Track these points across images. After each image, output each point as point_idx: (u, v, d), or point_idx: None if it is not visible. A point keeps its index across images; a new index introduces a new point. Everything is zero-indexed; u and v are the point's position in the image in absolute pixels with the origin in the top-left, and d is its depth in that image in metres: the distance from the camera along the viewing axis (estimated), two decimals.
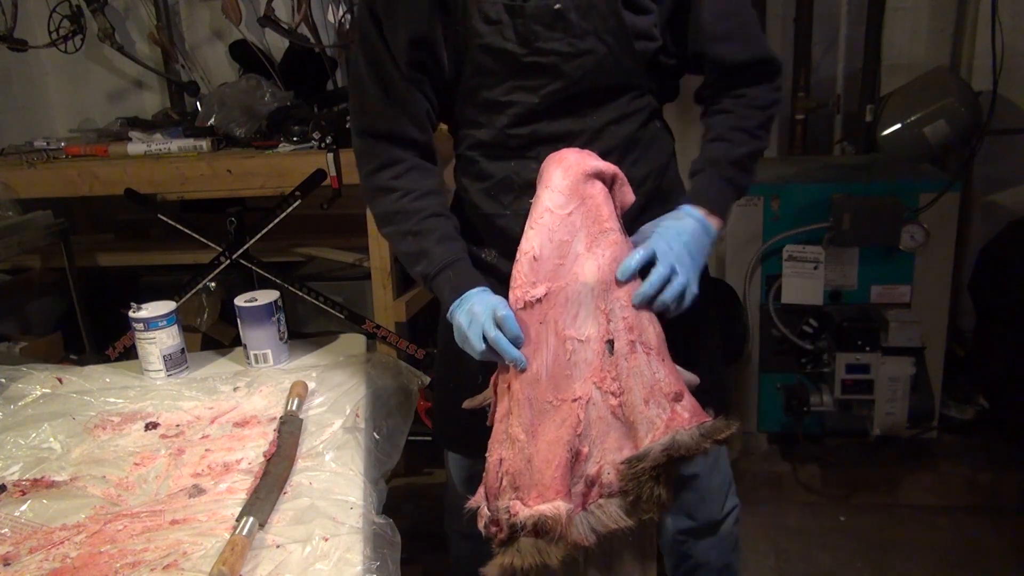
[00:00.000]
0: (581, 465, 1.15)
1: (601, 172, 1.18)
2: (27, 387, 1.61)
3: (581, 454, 1.15)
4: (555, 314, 1.14)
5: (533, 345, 1.15)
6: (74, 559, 1.06)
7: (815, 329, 2.47)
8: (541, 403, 1.15)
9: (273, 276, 2.35)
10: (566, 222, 1.14)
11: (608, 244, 1.16)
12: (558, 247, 1.14)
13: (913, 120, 2.61)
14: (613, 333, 1.14)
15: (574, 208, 1.15)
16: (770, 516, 2.43)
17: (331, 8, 2.77)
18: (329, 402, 1.49)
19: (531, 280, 1.15)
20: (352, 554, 1.04)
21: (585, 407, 1.14)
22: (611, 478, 1.15)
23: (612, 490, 1.15)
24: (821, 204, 2.37)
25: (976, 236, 2.88)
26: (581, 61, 1.21)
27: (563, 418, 1.14)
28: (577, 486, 1.15)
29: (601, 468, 1.15)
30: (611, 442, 1.15)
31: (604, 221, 1.16)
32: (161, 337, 1.65)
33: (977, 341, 2.86)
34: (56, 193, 2.43)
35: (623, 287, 1.15)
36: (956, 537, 2.33)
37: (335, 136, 2.25)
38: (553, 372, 1.15)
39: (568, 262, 1.14)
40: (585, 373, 1.14)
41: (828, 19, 2.83)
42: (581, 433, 1.14)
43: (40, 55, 3.03)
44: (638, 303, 1.15)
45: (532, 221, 1.16)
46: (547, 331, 1.15)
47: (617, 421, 1.15)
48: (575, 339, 1.14)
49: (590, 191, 1.16)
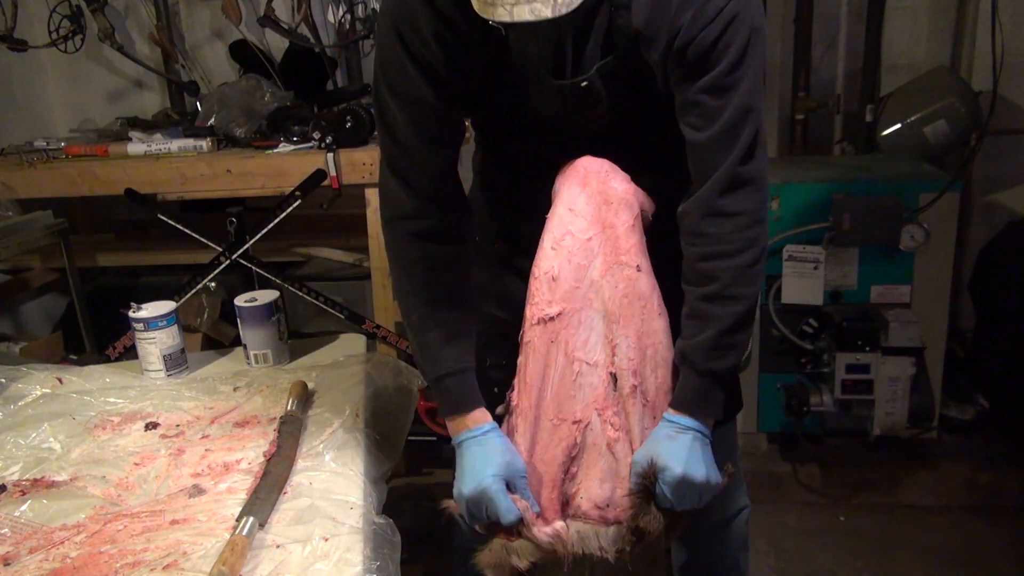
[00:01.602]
0: (566, 483, 1.20)
1: (626, 201, 1.18)
2: (27, 387, 1.61)
3: (569, 473, 1.19)
4: (567, 335, 1.17)
5: (543, 362, 1.18)
6: (74, 559, 1.06)
7: (815, 329, 2.47)
8: (543, 420, 1.18)
9: (273, 276, 2.35)
10: (585, 247, 1.16)
11: (623, 278, 1.17)
12: (575, 270, 1.16)
13: (913, 120, 2.61)
14: (617, 369, 1.17)
15: (594, 235, 1.16)
16: (770, 516, 2.43)
17: (331, 8, 2.77)
18: (329, 402, 1.49)
19: (548, 299, 1.17)
20: (352, 554, 1.04)
21: (583, 431, 1.17)
22: (582, 503, 1.19)
23: (578, 513, 1.19)
24: (821, 204, 2.37)
25: (976, 236, 2.88)
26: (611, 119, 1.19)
27: (561, 438, 1.17)
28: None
29: (578, 492, 1.19)
30: (596, 472, 1.18)
31: (621, 253, 1.17)
32: (161, 337, 1.65)
33: (977, 341, 2.86)
34: (56, 193, 2.43)
35: (632, 325, 1.16)
36: (956, 537, 2.33)
37: (335, 136, 2.25)
38: (558, 391, 1.17)
39: (583, 286, 1.17)
40: (589, 397, 1.17)
41: (828, 19, 2.83)
42: (575, 455, 1.18)
43: (40, 55, 3.03)
44: None
45: (554, 241, 1.17)
46: (557, 350, 1.17)
47: (610, 454, 1.18)
48: (583, 361, 1.17)
49: (612, 220, 1.17)
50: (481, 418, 1.21)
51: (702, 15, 1.04)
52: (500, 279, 1.35)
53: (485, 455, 1.18)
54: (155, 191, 2.37)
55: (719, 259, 1.11)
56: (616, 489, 1.18)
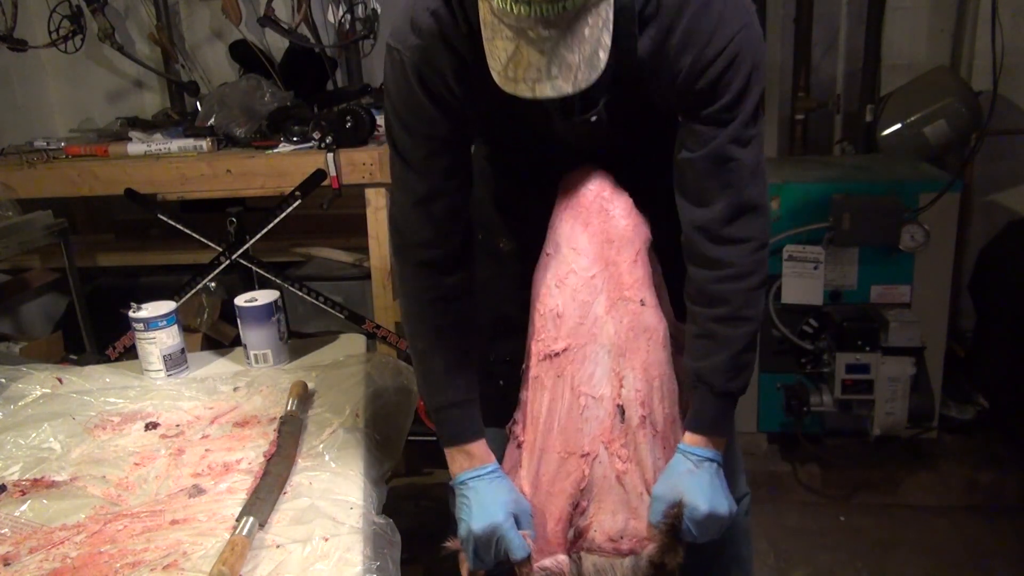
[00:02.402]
0: (577, 516, 1.21)
1: (627, 238, 1.18)
2: (27, 387, 1.61)
3: (579, 506, 1.20)
4: (572, 369, 1.18)
5: (549, 396, 1.19)
6: (74, 559, 1.06)
7: (815, 329, 2.47)
8: (550, 454, 1.19)
9: (273, 276, 2.36)
10: (589, 284, 1.18)
11: (627, 312, 1.18)
12: (580, 306, 1.18)
13: (913, 120, 2.61)
14: (624, 401, 1.18)
15: (597, 272, 1.18)
16: (770, 516, 2.43)
17: (331, 8, 2.77)
18: (329, 402, 1.49)
19: (553, 336, 1.19)
20: (352, 554, 1.05)
21: (591, 464, 1.19)
22: (596, 536, 1.20)
23: (593, 547, 1.21)
24: (821, 204, 2.37)
25: (976, 236, 2.87)
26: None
27: (569, 471, 1.19)
28: (568, 533, 1.22)
29: (591, 525, 1.21)
30: (608, 504, 1.20)
31: (625, 289, 1.18)
32: (161, 337, 1.65)
33: (977, 341, 2.86)
34: (56, 193, 2.43)
35: (637, 357, 1.17)
36: (956, 537, 2.33)
37: (335, 136, 2.25)
38: (565, 425, 1.19)
39: (588, 322, 1.18)
40: (595, 431, 1.18)
41: (828, 19, 2.84)
42: (584, 488, 1.19)
43: (40, 55, 3.03)
44: None
45: (558, 279, 1.19)
46: (563, 385, 1.19)
47: (619, 486, 1.19)
48: (589, 396, 1.18)
49: (615, 258, 1.18)
50: (485, 456, 1.23)
51: (702, 58, 1.05)
52: (505, 277, 1.35)
53: (495, 493, 1.20)
54: (155, 191, 2.37)
55: (730, 282, 1.14)
56: (629, 520, 1.19)
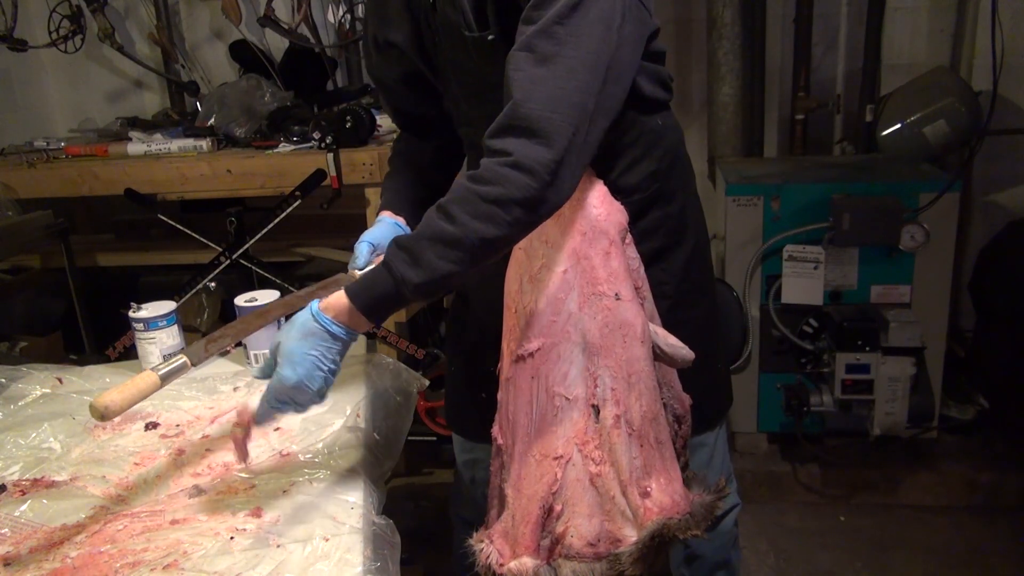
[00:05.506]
0: (552, 521, 1.17)
1: (599, 228, 1.16)
2: (27, 387, 1.61)
3: (554, 511, 1.16)
4: (546, 369, 1.15)
5: (524, 398, 1.16)
6: (74, 559, 1.06)
7: (815, 329, 2.47)
8: (528, 456, 1.16)
9: (273, 276, 2.35)
10: (562, 280, 1.14)
11: (601, 308, 1.14)
12: (552, 303, 1.14)
13: (913, 120, 2.61)
14: (599, 400, 1.14)
15: (569, 267, 1.15)
16: (770, 516, 2.43)
17: (331, 8, 2.78)
18: (329, 402, 1.48)
19: (526, 335, 1.15)
20: (352, 554, 1.04)
21: (564, 467, 1.15)
22: (573, 541, 1.16)
23: (571, 553, 1.17)
24: (821, 204, 2.37)
25: (976, 236, 2.88)
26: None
27: (542, 474, 1.15)
28: (545, 540, 1.17)
29: (567, 530, 1.16)
30: (583, 507, 1.16)
31: (599, 284, 1.15)
32: (161, 337, 1.65)
33: (977, 341, 2.86)
34: (56, 193, 2.43)
35: (613, 354, 1.14)
36: (956, 537, 2.33)
37: (335, 136, 2.25)
38: (540, 427, 1.15)
39: (561, 320, 1.14)
40: (569, 432, 1.14)
41: (828, 19, 2.83)
42: (556, 491, 1.15)
43: (40, 55, 3.03)
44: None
45: (530, 275, 1.16)
46: (538, 386, 1.15)
47: (593, 489, 1.15)
48: (563, 396, 1.14)
49: (587, 251, 1.15)
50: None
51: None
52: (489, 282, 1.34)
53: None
54: (155, 191, 2.37)
55: (468, 180, 1.02)
56: (604, 523, 1.15)
